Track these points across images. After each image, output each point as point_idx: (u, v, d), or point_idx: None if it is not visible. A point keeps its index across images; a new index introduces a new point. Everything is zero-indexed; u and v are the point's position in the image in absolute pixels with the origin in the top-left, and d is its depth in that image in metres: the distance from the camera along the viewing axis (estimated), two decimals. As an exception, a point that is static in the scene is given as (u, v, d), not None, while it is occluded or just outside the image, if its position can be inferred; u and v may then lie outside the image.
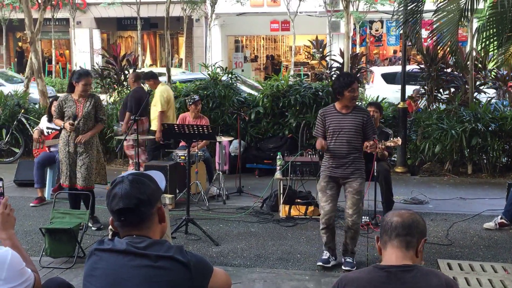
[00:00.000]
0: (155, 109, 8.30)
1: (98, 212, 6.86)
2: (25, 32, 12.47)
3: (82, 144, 6.14)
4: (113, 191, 2.21)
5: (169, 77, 10.37)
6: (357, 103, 9.82)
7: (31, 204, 7.30)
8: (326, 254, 5.21)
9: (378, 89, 13.05)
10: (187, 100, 8.27)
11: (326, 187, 5.14)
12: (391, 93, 12.43)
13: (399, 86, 9.61)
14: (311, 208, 6.74)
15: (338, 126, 5.09)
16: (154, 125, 8.32)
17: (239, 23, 26.85)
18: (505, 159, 9.21)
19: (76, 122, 6.07)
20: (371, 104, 7.07)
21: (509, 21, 5.91)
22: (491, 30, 6.11)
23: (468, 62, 9.50)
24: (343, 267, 5.11)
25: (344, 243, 5.21)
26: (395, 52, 26.70)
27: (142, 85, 8.75)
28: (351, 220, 5.08)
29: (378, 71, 16.05)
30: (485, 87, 10.62)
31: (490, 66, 10.43)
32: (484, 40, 6.14)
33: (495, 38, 6.18)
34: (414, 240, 2.32)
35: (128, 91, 11.41)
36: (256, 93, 10.33)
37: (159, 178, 2.32)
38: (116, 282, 2.14)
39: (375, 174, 5.99)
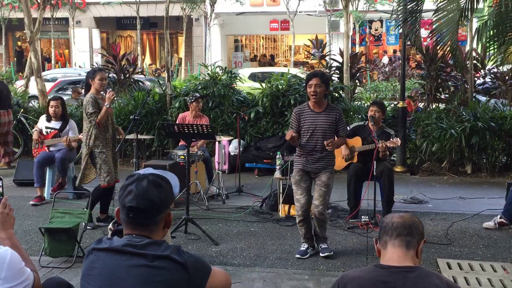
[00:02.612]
0: None
1: (98, 211, 6.86)
2: (24, 31, 12.48)
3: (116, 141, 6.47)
4: (130, 187, 2.20)
5: (169, 76, 10.38)
6: (356, 102, 9.95)
7: (31, 202, 7.30)
8: (304, 246, 5.49)
9: None
10: (187, 99, 8.27)
11: (301, 181, 5.42)
12: None
13: None
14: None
15: (313, 124, 5.37)
16: None
17: (238, 23, 26.87)
18: (505, 158, 9.21)
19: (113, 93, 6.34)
20: (374, 103, 7.01)
21: (510, 21, 5.91)
22: (492, 31, 6.11)
23: (468, 62, 9.50)
24: (320, 254, 5.42)
25: (314, 232, 5.52)
26: (395, 51, 26.69)
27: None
28: (318, 211, 5.39)
29: None
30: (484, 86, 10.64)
31: (490, 65, 10.44)
32: (486, 40, 6.14)
33: (495, 38, 6.18)
34: (415, 241, 2.33)
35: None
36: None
37: (174, 183, 2.32)
38: (112, 281, 2.14)
39: (374, 173, 6.01)
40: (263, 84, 9.75)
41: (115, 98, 10.88)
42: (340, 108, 5.97)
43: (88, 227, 6.18)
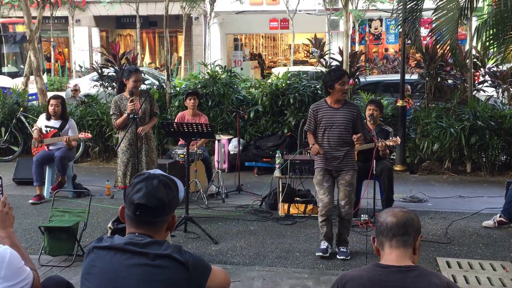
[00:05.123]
0: None
1: (98, 210, 6.87)
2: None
3: (144, 139, 6.45)
4: (140, 184, 2.19)
5: (168, 75, 10.37)
6: (357, 102, 9.93)
7: (30, 201, 7.29)
8: (324, 244, 5.42)
9: None
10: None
11: (323, 180, 5.34)
12: None
13: None
14: (310, 207, 6.73)
15: (330, 120, 5.28)
16: None
17: (238, 22, 26.84)
18: (504, 157, 9.21)
19: (134, 100, 6.29)
20: (371, 102, 7.03)
21: (510, 20, 5.91)
22: (492, 30, 6.11)
23: (467, 61, 9.49)
24: (338, 257, 5.34)
25: (338, 233, 5.44)
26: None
27: None
28: (344, 211, 5.33)
29: None
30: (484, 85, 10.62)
31: (490, 64, 10.43)
32: (485, 39, 6.14)
33: (495, 37, 6.18)
34: (411, 239, 2.31)
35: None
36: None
37: (180, 188, 2.32)
38: (113, 280, 2.14)
39: (374, 172, 6.00)
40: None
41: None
42: (358, 105, 5.90)
43: None
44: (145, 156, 6.49)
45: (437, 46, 7.59)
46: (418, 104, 10.15)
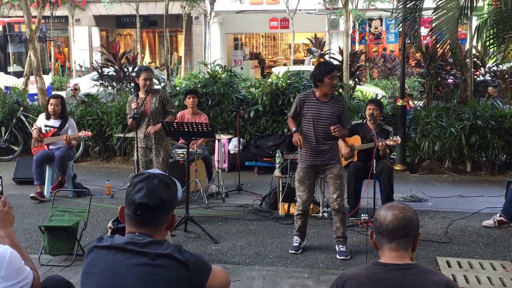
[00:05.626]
0: None
1: (98, 210, 6.87)
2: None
3: (154, 139, 6.52)
4: (140, 184, 2.19)
5: (168, 75, 10.38)
6: (357, 101, 9.94)
7: (31, 195, 7.30)
8: (296, 241, 5.52)
9: None
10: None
11: (305, 178, 5.38)
12: None
13: None
14: (309, 206, 6.72)
15: (317, 113, 5.29)
16: None
17: (238, 21, 26.84)
18: (504, 156, 9.21)
19: (137, 112, 6.37)
20: (371, 101, 7.03)
21: (510, 20, 5.92)
22: (492, 30, 6.11)
23: (467, 60, 9.50)
24: (338, 256, 5.34)
25: (335, 228, 5.46)
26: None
27: None
28: (337, 203, 5.36)
29: None
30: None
31: (490, 63, 10.45)
32: (485, 39, 6.15)
33: (495, 37, 6.18)
34: (411, 238, 2.31)
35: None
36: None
37: (178, 187, 2.33)
38: (113, 279, 2.14)
39: (374, 171, 6.01)
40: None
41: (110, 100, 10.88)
42: (344, 102, 5.94)
43: None
44: (155, 156, 6.57)
45: (437, 46, 7.59)
46: (420, 105, 10.17)
